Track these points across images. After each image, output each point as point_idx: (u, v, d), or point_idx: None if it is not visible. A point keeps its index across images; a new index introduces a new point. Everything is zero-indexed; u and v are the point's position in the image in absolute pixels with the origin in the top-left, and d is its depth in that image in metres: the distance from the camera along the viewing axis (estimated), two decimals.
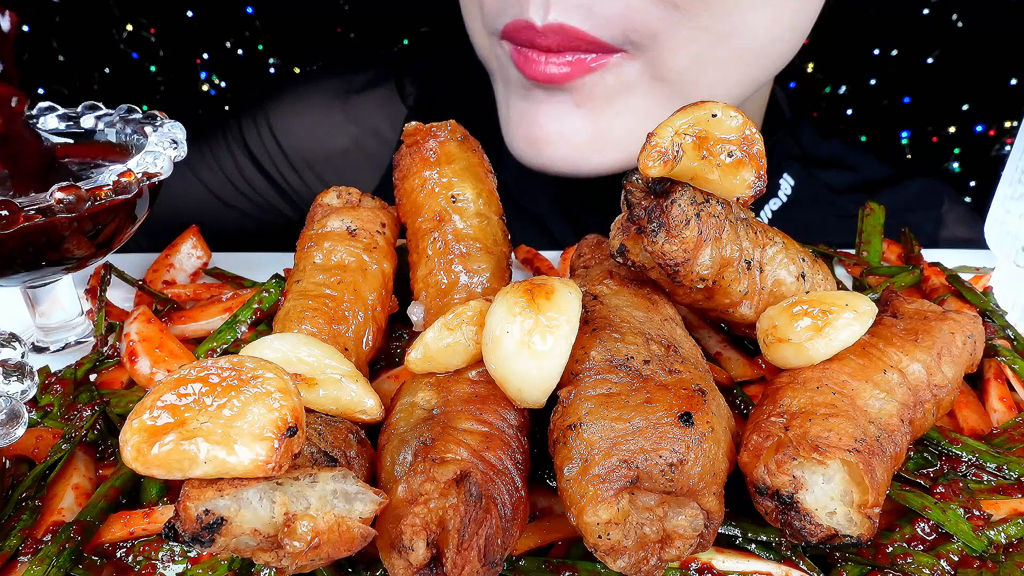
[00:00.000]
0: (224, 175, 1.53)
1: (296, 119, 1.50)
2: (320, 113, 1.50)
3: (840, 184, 1.48)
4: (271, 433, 0.49)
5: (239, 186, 1.53)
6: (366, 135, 1.50)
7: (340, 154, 1.50)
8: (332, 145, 1.50)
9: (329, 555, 0.52)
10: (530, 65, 1.08)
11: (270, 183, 1.53)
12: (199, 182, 1.52)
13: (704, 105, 0.66)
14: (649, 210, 0.68)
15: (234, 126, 1.53)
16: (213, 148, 1.53)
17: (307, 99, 1.51)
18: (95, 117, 0.97)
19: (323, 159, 1.51)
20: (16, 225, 0.75)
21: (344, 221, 0.86)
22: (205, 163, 1.53)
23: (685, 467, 0.58)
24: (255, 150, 1.51)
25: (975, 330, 0.75)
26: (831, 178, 1.47)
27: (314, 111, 1.50)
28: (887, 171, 1.48)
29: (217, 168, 1.53)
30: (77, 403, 0.81)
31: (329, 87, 1.52)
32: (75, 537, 0.66)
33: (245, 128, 1.51)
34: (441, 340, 0.69)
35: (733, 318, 0.77)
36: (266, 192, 1.54)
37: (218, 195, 1.53)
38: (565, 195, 1.44)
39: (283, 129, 1.50)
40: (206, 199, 1.52)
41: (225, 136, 1.53)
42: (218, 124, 1.53)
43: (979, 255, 1.13)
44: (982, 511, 0.68)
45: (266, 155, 1.51)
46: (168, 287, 1.04)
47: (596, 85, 1.09)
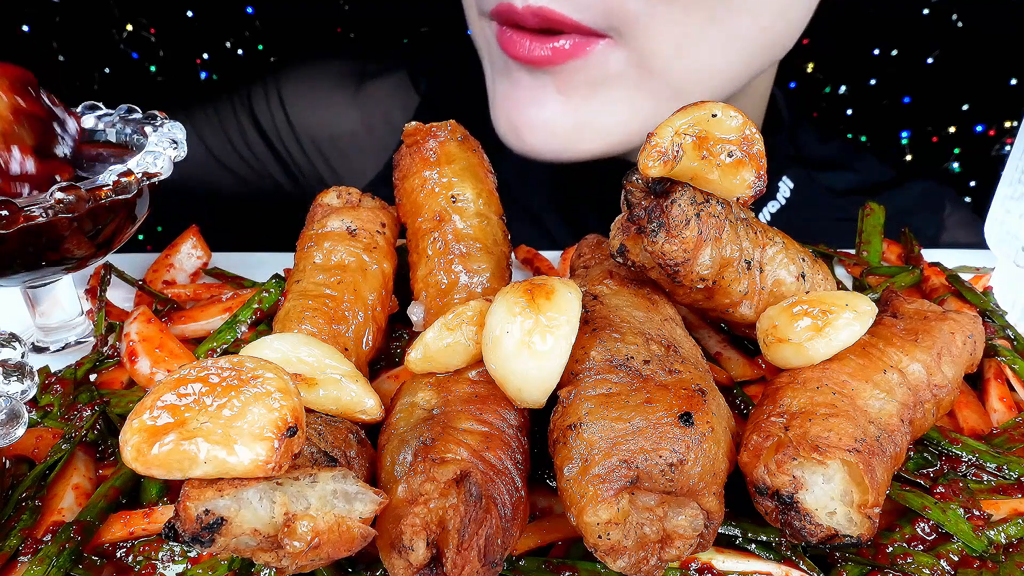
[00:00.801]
0: (228, 141, 1.52)
1: (308, 95, 1.50)
2: (332, 91, 1.50)
3: (840, 186, 1.47)
4: (271, 433, 0.49)
5: (242, 152, 1.52)
6: (376, 119, 1.50)
7: (348, 135, 1.50)
8: (341, 125, 1.50)
9: (329, 555, 0.52)
10: (513, 46, 1.11)
11: (274, 155, 1.52)
12: (202, 143, 1.51)
13: (704, 105, 0.66)
14: (649, 210, 0.68)
15: (244, 96, 1.52)
16: (221, 114, 1.52)
17: (320, 76, 1.50)
18: (95, 117, 0.97)
19: (330, 138, 1.51)
20: (16, 225, 0.75)
21: (344, 221, 0.86)
22: (210, 128, 1.52)
23: (685, 467, 0.58)
24: (263, 121, 1.50)
25: (975, 330, 0.75)
26: (831, 180, 1.47)
27: (326, 89, 1.50)
28: (888, 173, 1.48)
29: (222, 133, 1.52)
30: (77, 403, 0.81)
31: (343, 68, 1.52)
32: (75, 537, 0.66)
33: (255, 98, 1.51)
34: (441, 340, 0.69)
35: (733, 318, 0.77)
36: (269, 163, 1.53)
37: (219, 158, 1.52)
38: (564, 195, 1.44)
39: (294, 103, 1.50)
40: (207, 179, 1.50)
41: (233, 104, 1.52)
42: (226, 93, 1.52)
43: (979, 255, 1.13)
44: (982, 511, 0.68)
45: (273, 127, 1.51)
46: (168, 287, 1.04)
47: (579, 72, 1.10)
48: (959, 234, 1.47)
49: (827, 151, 1.49)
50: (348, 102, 1.50)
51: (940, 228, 1.47)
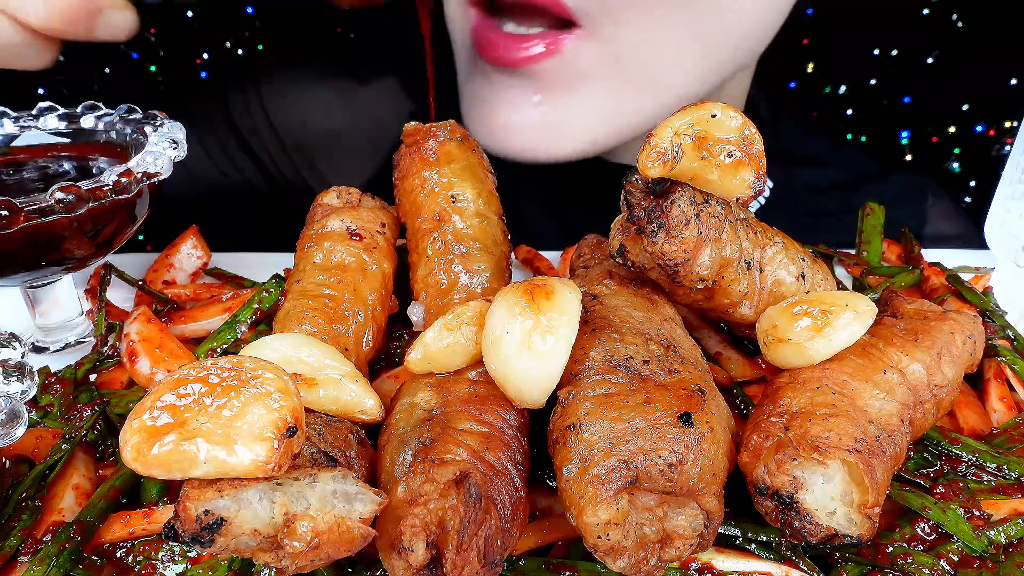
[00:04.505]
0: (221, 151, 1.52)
1: (292, 96, 1.50)
2: (321, 93, 1.50)
3: (822, 182, 1.48)
4: (271, 433, 0.49)
5: (230, 156, 1.52)
6: (368, 121, 1.50)
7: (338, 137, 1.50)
8: (331, 129, 1.50)
9: (329, 555, 0.52)
10: (491, 48, 1.12)
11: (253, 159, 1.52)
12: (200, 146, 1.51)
13: (704, 105, 0.66)
14: (649, 210, 0.68)
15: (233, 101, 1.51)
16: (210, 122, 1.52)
17: (306, 77, 1.50)
18: (95, 117, 0.97)
19: (320, 140, 1.51)
20: (16, 225, 0.75)
21: (344, 221, 0.86)
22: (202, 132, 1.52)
23: (685, 467, 0.58)
24: (247, 125, 1.51)
25: (975, 330, 0.75)
26: (812, 177, 1.48)
27: (313, 90, 1.50)
28: (871, 167, 1.48)
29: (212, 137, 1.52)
30: (77, 403, 0.81)
31: (333, 69, 1.52)
32: (75, 537, 0.66)
33: (237, 104, 1.51)
34: (441, 340, 0.68)
35: (733, 318, 0.77)
36: (250, 168, 1.53)
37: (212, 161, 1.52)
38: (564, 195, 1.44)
39: (276, 105, 1.50)
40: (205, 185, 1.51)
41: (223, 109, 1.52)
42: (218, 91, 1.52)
43: (979, 255, 1.13)
44: (982, 511, 0.68)
45: (255, 135, 1.51)
46: (168, 287, 1.04)
47: (554, 71, 1.11)
48: (943, 225, 1.47)
49: (808, 148, 1.49)
50: (338, 103, 1.50)
51: (924, 219, 1.48)
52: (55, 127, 0.97)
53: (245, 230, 1.53)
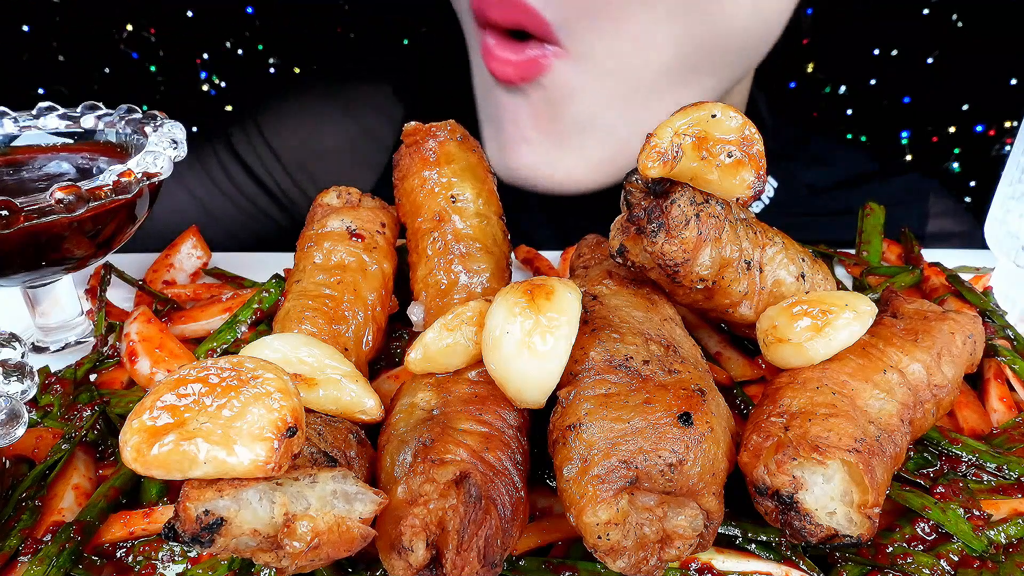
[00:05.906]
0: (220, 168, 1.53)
1: (288, 118, 1.51)
2: (314, 111, 1.51)
3: (822, 182, 1.48)
4: (271, 433, 0.49)
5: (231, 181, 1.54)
6: (362, 135, 1.50)
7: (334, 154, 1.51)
8: (326, 144, 1.51)
9: (329, 555, 0.52)
10: (489, 59, 1.20)
11: (261, 187, 1.54)
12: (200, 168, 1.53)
13: (703, 106, 0.66)
14: (649, 210, 0.68)
15: (231, 126, 1.53)
16: (213, 144, 1.53)
17: (300, 97, 1.51)
18: (95, 117, 0.97)
19: (316, 159, 1.52)
20: (16, 225, 0.75)
21: (344, 221, 0.86)
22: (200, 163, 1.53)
23: (684, 467, 0.58)
24: (244, 152, 1.52)
25: (975, 330, 0.75)
26: (812, 177, 1.48)
27: (308, 109, 1.51)
28: (871, 166, 1.48)
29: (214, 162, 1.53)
30: (77, 403, 0.81)
31: (324, 85, 1.52)
32: (75, 537, 0.66)
33: (233, 131, 1.52)
34: (441, 340, 0.68)
35: (733, 318, 0.77)
36: (258, 198, 1.55)
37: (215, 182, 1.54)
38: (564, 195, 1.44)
39: (273, 129, 1.51)
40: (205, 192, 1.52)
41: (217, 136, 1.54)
42: (215, 122, 1.53)
43: (979, 255, 1.13)
44: (982, 511, 0.68)
45: (256, 158, 1.52)
46: (168, 287, 1.04)
47: (544, 92, 1.18)
48: (944, 223, 1.47)
49: (808, 148, 1.49)
50: (331, 119, 1.52)
51: (924, 219, 1.48)
52: (55, 127, 0.96)
53: (245, 230, 1.53)
